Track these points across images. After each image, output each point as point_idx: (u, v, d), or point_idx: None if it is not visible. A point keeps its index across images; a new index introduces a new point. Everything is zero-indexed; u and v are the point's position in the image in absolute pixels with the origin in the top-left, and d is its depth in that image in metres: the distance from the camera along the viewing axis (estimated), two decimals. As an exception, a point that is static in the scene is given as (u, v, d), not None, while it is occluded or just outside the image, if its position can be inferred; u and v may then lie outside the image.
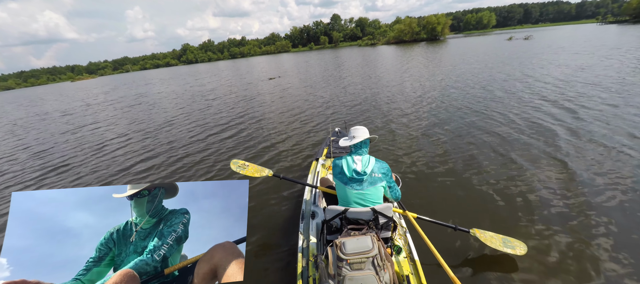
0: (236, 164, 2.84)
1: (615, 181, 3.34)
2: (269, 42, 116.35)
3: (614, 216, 2.77)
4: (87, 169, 5.81)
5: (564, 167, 3.78)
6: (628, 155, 3.89)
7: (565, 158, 4.00)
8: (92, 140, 8.11)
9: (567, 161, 3.91)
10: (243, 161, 2.91)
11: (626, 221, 2.68)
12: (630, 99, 6.33)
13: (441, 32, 63.61)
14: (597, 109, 5.90)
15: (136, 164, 5.71)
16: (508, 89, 8.59)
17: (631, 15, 56.41)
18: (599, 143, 4.35)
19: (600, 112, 5.69)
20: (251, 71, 28.80)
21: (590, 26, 60.64)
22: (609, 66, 10.58)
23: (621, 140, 4.34)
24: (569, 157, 4.02)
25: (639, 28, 35.61)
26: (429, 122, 6.27)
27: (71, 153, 7.07)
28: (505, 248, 2.30)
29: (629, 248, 2.38)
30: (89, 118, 12.14)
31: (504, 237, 2.41)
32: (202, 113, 10.08)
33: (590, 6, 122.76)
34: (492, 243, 2.33)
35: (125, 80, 45.51)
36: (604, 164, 3.74)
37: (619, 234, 2.53)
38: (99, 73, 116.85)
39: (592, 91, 7.35)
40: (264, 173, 2.75)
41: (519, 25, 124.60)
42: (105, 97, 20.70)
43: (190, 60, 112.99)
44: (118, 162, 5.96)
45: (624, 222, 2.67)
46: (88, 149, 7.20)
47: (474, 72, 12.43)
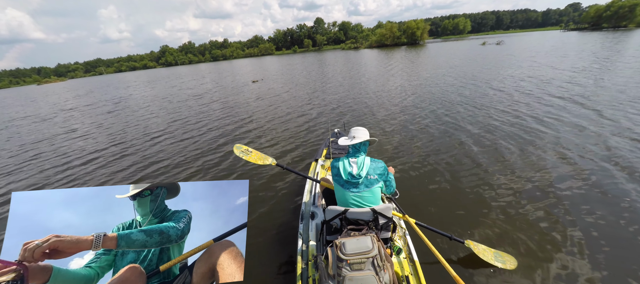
0: (239, 149, 2.75)
1: (604, 193, 3.29)
2: (252, 44, 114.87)
3: (604, 230, 2.75)
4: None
5: (551, 174, 3.84)
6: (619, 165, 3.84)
7: (549, 163, 4.26)
8: (71, 147, 7.62)
9: (549, 167, 4.15)
10: (246, 147, 2.80)
11: (615, 234, 2.69)
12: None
13: (421, 37, 66.04)
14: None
15: (118, 172, 5.44)
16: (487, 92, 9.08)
17: (589, 23, 63.02)
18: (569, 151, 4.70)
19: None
20: (235, 74, 28.26)
21: (555, 32, 66.36)
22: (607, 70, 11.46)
23: (597, 150, 4.35)
24: (546, 160, 4.32)
25: (596, 34, 39.39)
26: (419, 127, 6.42)
27: (58, 162, 6.60)
28: (496, 262, 2.36)
29: (615, 259, 2.42)
30: (68, 123, 11.37)
31: (495, 251, 2.48)
32: (192, 116, 9.78)
33: (554, 14, 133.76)
34: (484, 256, 2.39)
35: (99, 83, 43.03)
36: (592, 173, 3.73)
37: (608, 248, 2.55)
38: (69, 75, 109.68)
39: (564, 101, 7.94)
40: (268, 161, 2.69)
41: (491, 31, 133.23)
42: (79, 101, 19.47)
43: (169, 62, 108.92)
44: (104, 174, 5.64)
45: (612, 236, 2.67)
46: (67, 157, 6.75)
47: (457, 76, 13.01)
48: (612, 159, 4.02)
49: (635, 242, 2.59)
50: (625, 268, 2.34)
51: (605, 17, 59.38)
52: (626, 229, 2.74)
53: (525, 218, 3.02)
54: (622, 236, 2.67)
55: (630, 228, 2.74)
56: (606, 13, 59.10)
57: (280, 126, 7.53)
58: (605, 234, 2.71)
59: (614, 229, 2.77)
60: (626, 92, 7.42)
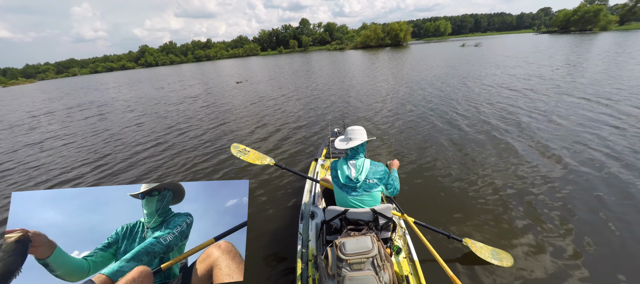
0: (237, 149, 2.68)
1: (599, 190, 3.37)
2: (237, 45, 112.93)
3: (600, 227, 2.80)
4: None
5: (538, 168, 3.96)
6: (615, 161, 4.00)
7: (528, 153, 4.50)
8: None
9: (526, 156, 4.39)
10: (244, 146, 2.74)
11: (608, 230, 2.74)
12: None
13: (404, 38, 67.76)
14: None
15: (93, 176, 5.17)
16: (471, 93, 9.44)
17: (559, 26, 67.65)
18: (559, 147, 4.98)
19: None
20: (221, 74, 27.64)
21: (529, 35, 70.43)
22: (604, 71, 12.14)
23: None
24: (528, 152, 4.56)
25: (565, 37, 42.22)
26: (413, 126, 6.53)
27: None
28: (493, 260, 2.38)
29: (608, 253, 2.47)
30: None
31: (492, 249, 2.49)
32: (182, 119, 9.45)
33: (527, 18, 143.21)
34: (481, 253, 2.41)
35: (76, 84, 40.65)
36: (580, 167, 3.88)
37: (602, 244, 2.60)
38: (38, 77, 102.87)
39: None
40: (266, 161, 2.64)
41: (470, 33, 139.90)
42: (55, 104, 18.31)
43: (149, 63, 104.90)
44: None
45: (606, 231, 2.74)
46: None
47: (442, 77, 13.43)
48: (611, 155, 4.14)
49: (629, 235, 2.66)
50: (619, 261, 2.41)
51: (573, 21, 63.62)
52: (621, 223, 2.82)
53: (521, 214, 3.06)
54: (616, 232, 2.72)
55: (626, 222, 2.82)
56: (574, 17, 63.30)
57: (275, 126, 7.45)
58: (601, 230, 2.76)
59: (607, 224, 2.83)
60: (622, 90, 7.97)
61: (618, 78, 9.44)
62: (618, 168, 3.81)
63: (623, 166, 3.84)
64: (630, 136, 4.76)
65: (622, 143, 4.52)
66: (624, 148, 4.34)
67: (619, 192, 3.31)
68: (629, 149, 4.31)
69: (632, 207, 3.04)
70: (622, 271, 2.33)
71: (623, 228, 2.77)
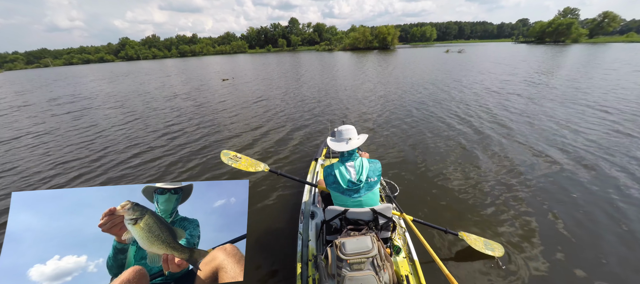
0: (227, 156, 2.50)
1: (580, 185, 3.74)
2: (224, 41, 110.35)
3: (582, 217, 3.09)
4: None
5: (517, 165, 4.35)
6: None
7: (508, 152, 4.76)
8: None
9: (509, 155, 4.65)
10: (235, 153, 2.57)
11: (594, 220, 3.03)
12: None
13: (391, 42, 69.06)
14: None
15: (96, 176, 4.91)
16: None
17: (535, 37, 72.17)
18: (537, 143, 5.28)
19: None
20: (209, 71, 26.92)
21: (508, 44, 74.93)
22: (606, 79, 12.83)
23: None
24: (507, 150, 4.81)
25: (540, 47, 45.21)
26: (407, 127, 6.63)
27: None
28: (486, 250, 2.52)
29: (594, 242, 2.71)
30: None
31: (485, 240, 2.64)
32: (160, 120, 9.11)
33: (507, 28, 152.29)
34: (475, 245, 2.55)
35: (49, 76, 38.13)
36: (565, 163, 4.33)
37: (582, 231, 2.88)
38: (5, 67, 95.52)
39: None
40: (260, 168, 2.47)
41: (454, 39, 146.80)
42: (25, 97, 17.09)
43: (130, 56, 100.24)
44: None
45: (592, 222, 3.02)
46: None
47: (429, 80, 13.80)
48: (604, 155, 4.57)
49: (613, 223, 2.98)
50: (605, 248, 2.65)
51: (548, 32, 67.83)
52: (606, 215, 3.12)
53: (511, 207, 3.34)
54: (602, 222, 3.01)
55: (608, 213, 3.15)
56: (549, 29, 67.55)
57: (269, 129, 7.32)
58: (584, 220, 3.05)
59: (592, 216, 3.12)
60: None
61: (600, 88, 10.05)
62: (594, 162, 4.34)
63: (600, 160, 4.40)
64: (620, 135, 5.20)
65: (604, 144, 5.00)
66: (602, 147, 4.84)
67: (600, 183, 3.76)
68: (605, 149, 4.77)
69: (612, 195, 3.48)
70: (604, 256, 2.59)
71: (600, 215, 3.14)
